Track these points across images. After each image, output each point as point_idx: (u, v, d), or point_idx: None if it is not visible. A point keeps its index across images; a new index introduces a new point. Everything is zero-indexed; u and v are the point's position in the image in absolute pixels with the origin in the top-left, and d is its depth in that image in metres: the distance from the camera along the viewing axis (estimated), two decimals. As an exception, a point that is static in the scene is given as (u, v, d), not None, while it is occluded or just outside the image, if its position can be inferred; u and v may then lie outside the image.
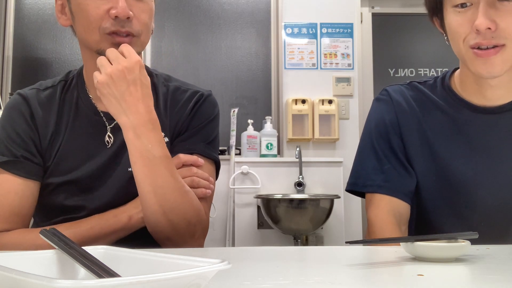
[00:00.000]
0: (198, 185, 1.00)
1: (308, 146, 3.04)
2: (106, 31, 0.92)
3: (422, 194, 1.04)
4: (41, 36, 3.11)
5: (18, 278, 0.38)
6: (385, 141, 1.06)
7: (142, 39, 0.97)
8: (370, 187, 1.05)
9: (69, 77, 1.08)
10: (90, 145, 1.02)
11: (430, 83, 1.10)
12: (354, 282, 0.57)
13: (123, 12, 0.91)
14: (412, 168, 1.04)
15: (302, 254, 0.87)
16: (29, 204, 0.98)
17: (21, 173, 0.97)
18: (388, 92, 1.11)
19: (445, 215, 1.02)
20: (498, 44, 0.90)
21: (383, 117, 1.08)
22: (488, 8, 0.89)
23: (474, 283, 0.58)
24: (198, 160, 1.02)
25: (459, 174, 1.00)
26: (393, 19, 3.66)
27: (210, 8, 3.21)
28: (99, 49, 0.94)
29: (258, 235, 2.79)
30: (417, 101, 1.08)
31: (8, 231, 0.95)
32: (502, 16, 0.88)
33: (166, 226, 0.92)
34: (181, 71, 3.13)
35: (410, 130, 1.06)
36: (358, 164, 1.10)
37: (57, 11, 1.01)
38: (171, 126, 1.06)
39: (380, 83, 3.48)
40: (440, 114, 1.05)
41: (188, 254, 0.49)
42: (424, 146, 1.04)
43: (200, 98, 1.09)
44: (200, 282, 0.42)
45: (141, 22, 0.95)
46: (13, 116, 1.01)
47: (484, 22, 0.88)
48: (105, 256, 0.53)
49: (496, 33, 0.89)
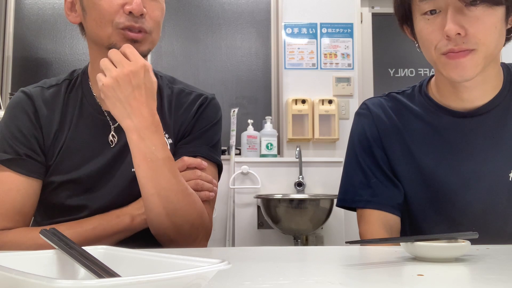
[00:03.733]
0: (202, 188, 1.00)
1: (308, 146, 3.04)
2: (119, 26, 0.93)
3: (411, 204, 1.04)
4: (41, 36, 3.11)
5: (18, 278, 0.38)
6: (369, 156, 1.07)
7: (154, 36, 0.98)
8: (359, 202, 1.06)
9: (73, 76, 1.09)
10: (94, 144, 1.02)
11: (408, 92, 1.10)
12: (354, 282, 0.57)
13: (138, 8, 0.92)
14: (398, 179, 1.04)
15: (302, 254, 0.87)
16: (31, 202, 0.98)
17: (24, 171, 0.97)
18: (367, 105, 1.11)
19: (436, 222, 1.02)
20: (469, 49, 0.90)
21: (365, 131, 1.09)
22: (457, 14, 0.89)
23: (474, 283, 0.58)
24: (202, 163, 1.02)
25: (445, 181, 1.00)
26: (393, 19, 3.63)
27: (210, 8, 3.21)
28: (111, 43, 0.94)
29: (258, 235, 2.79)
30: (396, 112, 1.08)
31: (9, 229, 0.95)
32: (471, 21, 0.89)
33: (169, 228, 0.92)
34: (181, 71, 3.13)
35: (392, 142, 1.06)
36: (346, 180, 1.11)
37: (67, 9, 1.02)
38: (175, 128, 1.06)
39: (380, 83, 3.48)
40: (420, 122, 1.05)
41: (188, 254, 0.49)
42: (407, 156, 1.04)
43: (204, 101, 1.10)
44: (200, 282, 0.42)
45: (153, 19, 0.97)
46: (16, 114, 1.01)
47: (453, 28, 0.88)
48: (105, 256, 0.53)
49: (466, 39, 0.89)
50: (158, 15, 0.98)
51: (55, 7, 3.13)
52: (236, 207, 2.78)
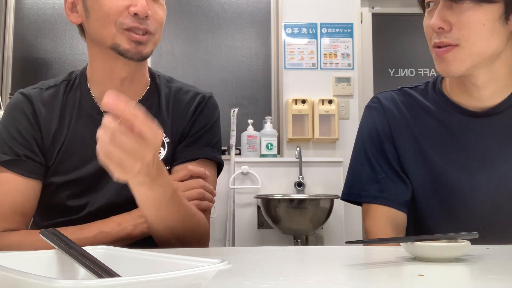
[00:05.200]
0: (204, 197, 1.00)
1: (308, 146, 3.04)
2: (124, 27, 0.93)
3: (418, 201, 1.03)
4: (41, 36, 3.11)
5: (18, 278, 0.38)
6: (379, 150, 1.05)
7: (157, 37, 0.99)
8: (365, 197, 1.04)
9: (72, 77, 1.08)
10: (93, 144, 1.01)
11: (421, 88, 1.10)
12: (354, 282, 0.57)
13: (143, 10, 0.92)
14: (407, 176, 1.04)
15: (302, 254, 0.87)
16: (31, 203, 0.98)
17: (23, 172, 0.97)
18: (379, 99, 1.10)
19: (442, 221, 1.01)
20: (451, 44, 0.92)
21: (375, 125, 1.07)
22: (444, 9, 0.91)
23: (474, 283, 0.58)
24: (205, 173, 1.02)
25: (454, 179, 1.00)
26: (393, 19, 3.65)
27: (210, 8, 3.21)
28: (114, 43, 0.94)
29: (258, 235, 2.79)
30: (408, 107, 1.07)
31: (9, 230, 0.95)
32: (456, 17, 0.91)
33: (175, 243, 0.94)
34: (181, 71, 3.13)
35: (402, 138, 1.05)
36: (353, 174, 1.09)
37: (67, 9, 1.02)
38: (173, 127, 1.06)
39: (380, 83, 3.48)
40: (431, 119, 1.04)
41: (188, 254, 0.49)
42: (417, 153, 1.03)
43: (202, 100, 1.10)
44: (200, 282, 0.42)
45: (157, 20, 0.97)
46: (15, 115, 1.01)
47: (436, 22, 0.91)
48: (105, 256, 0.53)
49: (449, 34, 0.91)
50: (161, 16, 0.99)
51: (55, 7, 3.13)
52: (236, 207, 2.78)
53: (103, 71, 1.02)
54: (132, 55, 0.95)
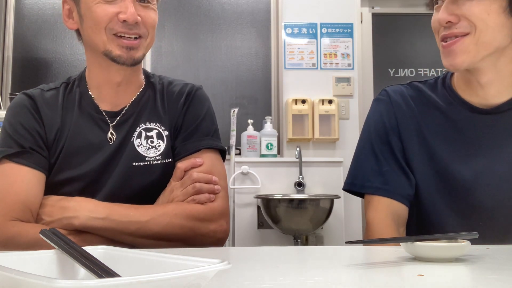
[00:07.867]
0: (201, 190, 1.01)
1: (308, 146, 3.04)
2: (113, 32, 0.97)
3: (422, 195, 1.03)
4: (41, 36, 3.11)
5: (18, 278, 0.38)
6: (384, 143, 1.06)
7: (148, 41, 1.03)
8: (369, 188, 1.05)
9: (70, 80, 1.13)
10: (94, 142, 1.04)
11: (431, 83, 1.10)
12: (354, 282, 0.57)
13: (132, 17, 0.96)
14: (411, 170, 1.04)
15: (302, 254, 0.87)
16: (37, 193, 0.98)
17: (28, 162, 0.98)
18: (388, 92, 1.11)
19: (445, 216, 1.01)
20: (460, 34, 0.94)
21: (382, 118, 1.08)
22: (450, 4, 0.94)
23: (474, 283, 0.58)
24: (196, 162, 1.03)
25: (458, 175, 1.00)
26: (393, 19, 3.66)
27: (210, 8, 3.21)
28: (106, 49, 0.99)
29: (258, 235, 2.79)
30: (416, 101, 1.07)
31: (17, 220, 0.94)
32: (464, 7, 0.92)
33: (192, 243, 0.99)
34: (181, 71, 3.13)
35: (409, 132, 1.05)
36: (357, 165, 1.09)
37: (65, 15, 1.07)
38: (171, 120, 1.09)
39: (380, 83, 3.48)
40: (439, 114, 1.05)
41: (188, 254, 0.49)
42: (423, 147, 1.04)
43: (190, 90, 1.12)
44: (200, 282, 0.42)
45: (147, 24, 1.01)
46: (20, 112, 1.04)
47: (443, 17, 0.94)
48: (105, 256, 0.53)
49: (458, 25, 0.93)
50: (153, 20, 1.02)
51: (55, 7, 3.13)
52: (236, 207, 2.78)
53: (100, 75, 1.06)
54: (125, 60, 0.99)
